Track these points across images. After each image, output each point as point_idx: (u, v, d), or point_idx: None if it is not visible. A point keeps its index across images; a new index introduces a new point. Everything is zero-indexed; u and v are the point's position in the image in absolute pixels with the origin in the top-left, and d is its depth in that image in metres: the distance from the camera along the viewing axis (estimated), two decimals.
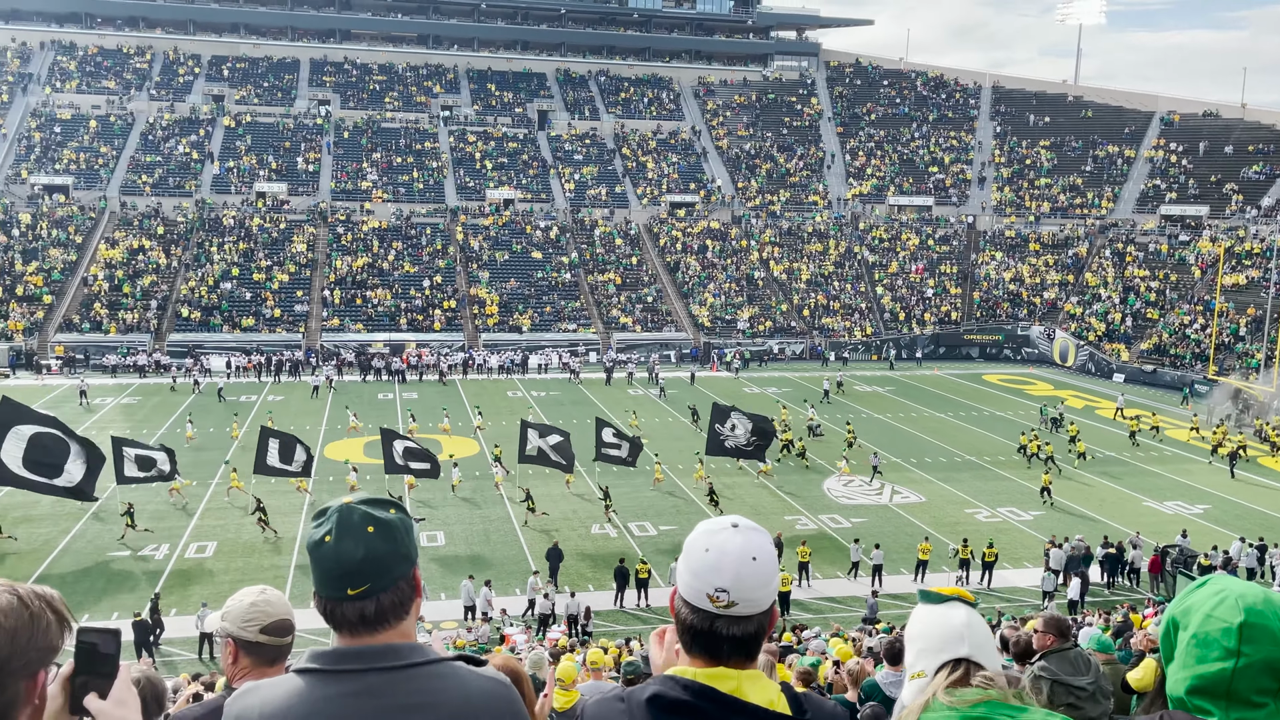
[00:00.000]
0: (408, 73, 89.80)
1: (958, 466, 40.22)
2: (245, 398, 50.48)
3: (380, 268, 67.23)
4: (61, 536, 29.61)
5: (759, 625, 2.08)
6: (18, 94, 77.49)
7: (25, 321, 58.20)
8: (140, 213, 68.63)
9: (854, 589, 27.75)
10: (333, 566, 2.04)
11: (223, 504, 32.98)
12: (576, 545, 30.02)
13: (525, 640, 22.52)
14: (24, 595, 1.76)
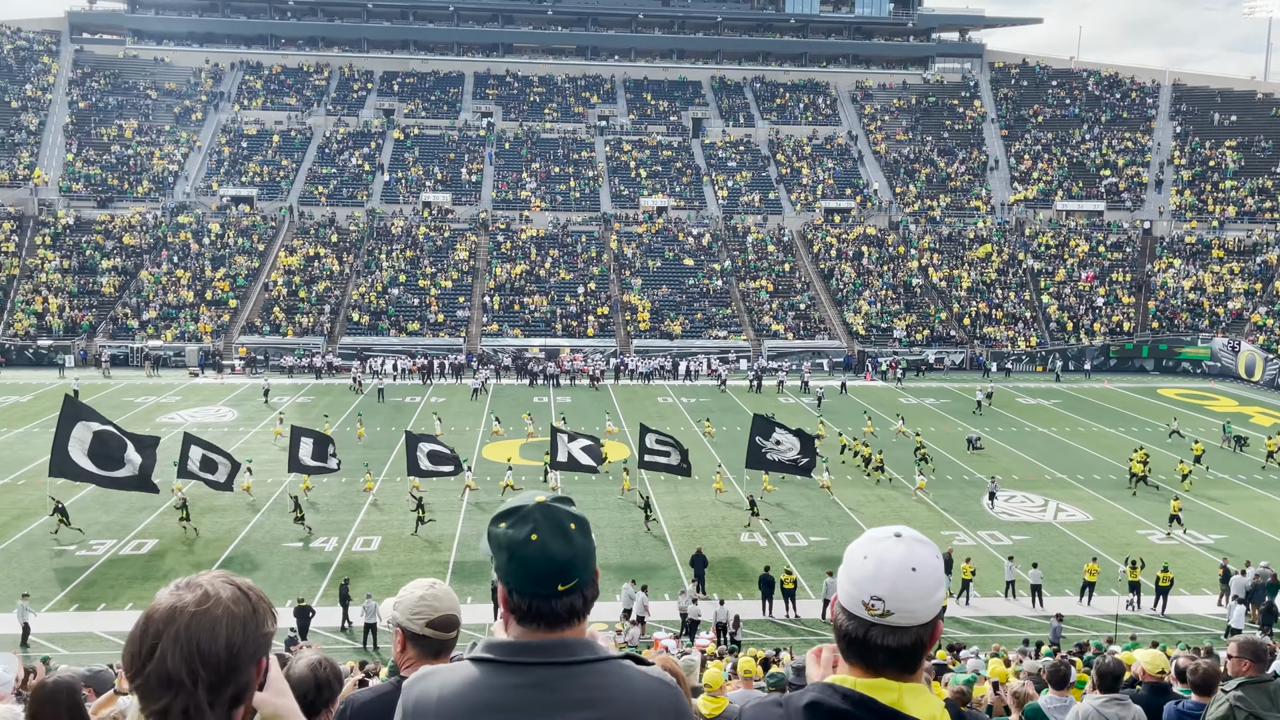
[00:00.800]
0: (566, 84, 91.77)
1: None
2: (409, 399, 52.56)
3: (537, 275, 68.90)
4: (241, 527, 31.53)
5: (918, 638, 2.04)
6: (210, 111, 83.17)
7: (213, 324, 62.33)
8: (316, 222, 72.52)
9: (1014, 608, 26.69)
10: (543, 564, 2.07)
11: (387, 500, 34.40)
12: (724, 552, 29.95)
13: (675, 646, 22.60)
14: (241, 585, 1.91)
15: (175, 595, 1.85)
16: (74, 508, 31.86)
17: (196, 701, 1.77)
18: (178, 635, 1.78)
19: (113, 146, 77.58)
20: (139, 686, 1.78)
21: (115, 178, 74.72)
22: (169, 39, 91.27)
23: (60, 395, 49.83)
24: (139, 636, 1.80)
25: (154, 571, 27.78)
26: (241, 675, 1.83)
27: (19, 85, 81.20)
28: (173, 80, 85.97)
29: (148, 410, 47.57)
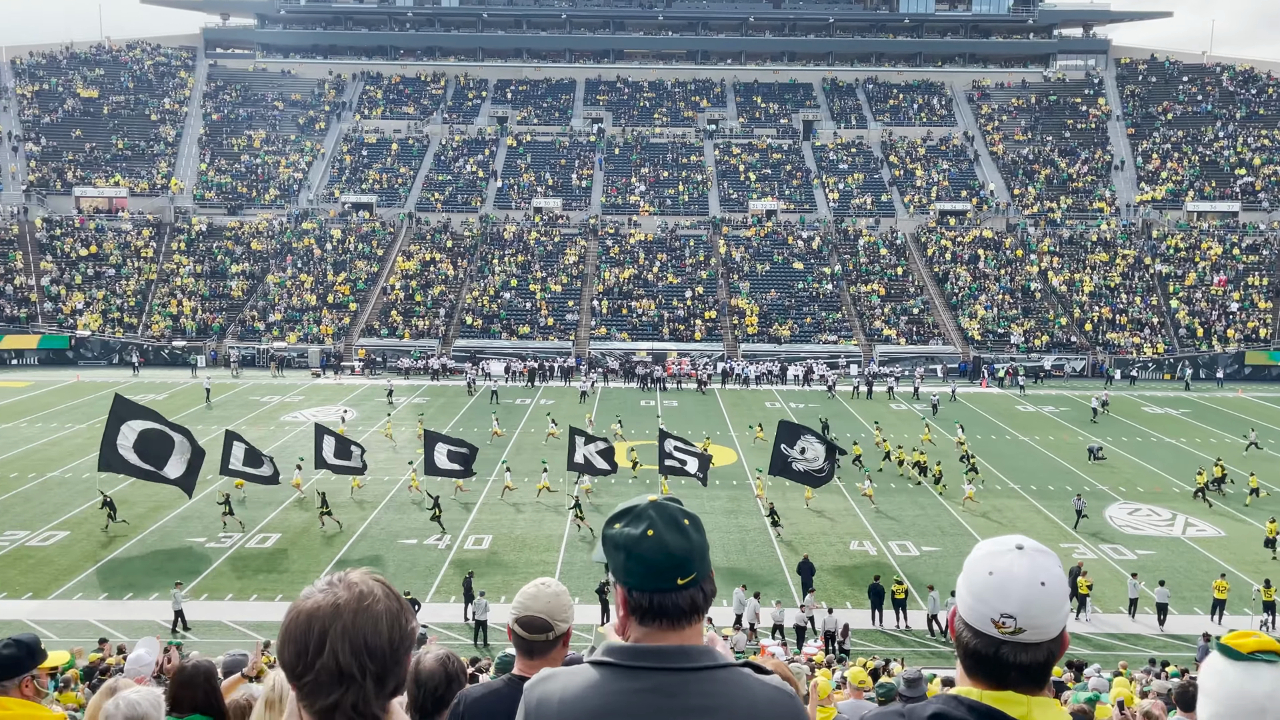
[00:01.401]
0: (676, 89, 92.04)
1: (1264, 500, 36.16)
2: (519, 401, 53.44)
3: (645, 279, 69.26)
4: (360, 523, 32.55)
5: (1049, 653, 2.00)
6: (333, 121, 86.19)
7: (334, 327, 64.54)
8: (432, 228, 74.41)
9: (1137, 626, 25.62)
10: (662, 559, 2.09)
11: (497, 500, 35.04)
12: (833, 560, 29.57)
13: (783, 653, 22.41)
14: (386, 583, 2.00)
15: (332, 593, 1.91)
16: (202, 502, 33.39)
17: (365, 694, 1.85)
18: (345, 631, 1.85)
19: (242, 156, 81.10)
20: (309, 682, 1.85)
21: (244, 186, 78.09)
22: (295, 52, 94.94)
23: (195, 393, 52.47)
24: (304, 633, 1.86)
25: (276, 565, 28.91)
26: (400, 668, 1.92)
27: (158, 99, 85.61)
28: (298, 92, 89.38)
29: (273, 409, 49.50)
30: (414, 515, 33.24)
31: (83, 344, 62.85)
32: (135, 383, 56.78)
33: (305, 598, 1.93)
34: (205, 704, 3.67)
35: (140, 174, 77.48)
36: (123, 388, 54.86)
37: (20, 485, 35.38)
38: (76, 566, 28.45)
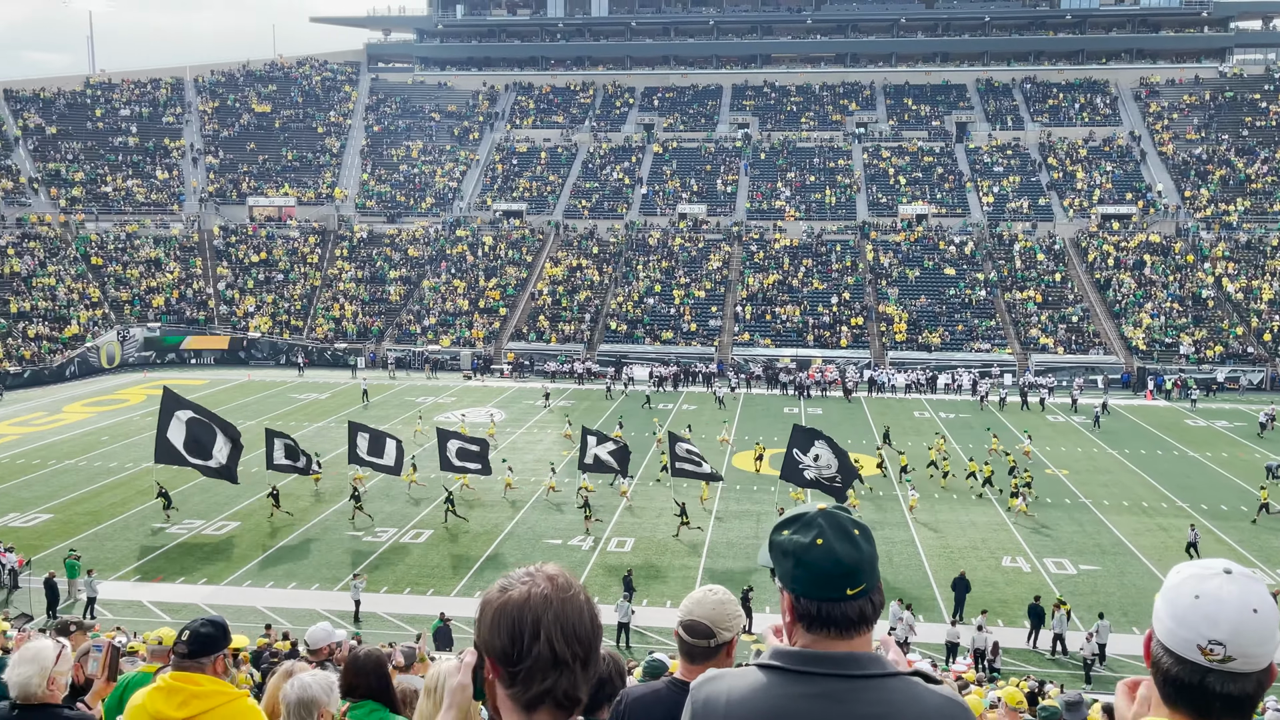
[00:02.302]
0: (824, 92, 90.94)
1: None
2: (662, 406, 53.76)
3: (790, 284, 68.64)
4: (507, 522, 33.39)
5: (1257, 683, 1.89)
6: (486, 131, 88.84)
7: (485, 330, 66.46)
8: (579, 234, 75.73)
9: None
10: (832, 568, 2.09)
11: (641, 504, 35.34)
12: (983, 576, 28.59)
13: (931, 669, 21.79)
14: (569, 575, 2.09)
15: (533, 584, 2.01)
16: (365, 498, 34.93)
17: (574, 680, 1.95)
18: (556, 619, 1.95)
19: (401, 166, 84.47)
20: (524, 669, 1.94)
21: (403, 195, 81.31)
22: (451, 65, 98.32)
23: (354, 393, 54.85)
24: (517, 622, 1.95)
25: (427, 560, 29.94)
26: (598, 655, 2.02)
27: (324, 112, 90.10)
28: (454, 103, 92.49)
29: (426, 410, 51.30)
30: (558, 516, 33.88)
31: (253, 345, 66.66)
32: (300, 382, 59.87)
33: (506, 589, 2.02)
34: (377, 691, 3.86)
35: (307, 184, 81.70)
36: (288, 387, 58.00)
37: (197, 477, 37.71)
38: (246, 555, 30.18)
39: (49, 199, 75.60)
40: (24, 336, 61.53)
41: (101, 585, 26.57)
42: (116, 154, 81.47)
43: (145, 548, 30.74)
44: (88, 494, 35.55)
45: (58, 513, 33.90)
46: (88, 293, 67.61)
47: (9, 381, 56.60)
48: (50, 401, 52.94)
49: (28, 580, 27.32)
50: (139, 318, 67.36)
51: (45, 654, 4.06)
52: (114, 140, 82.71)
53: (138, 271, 71.09)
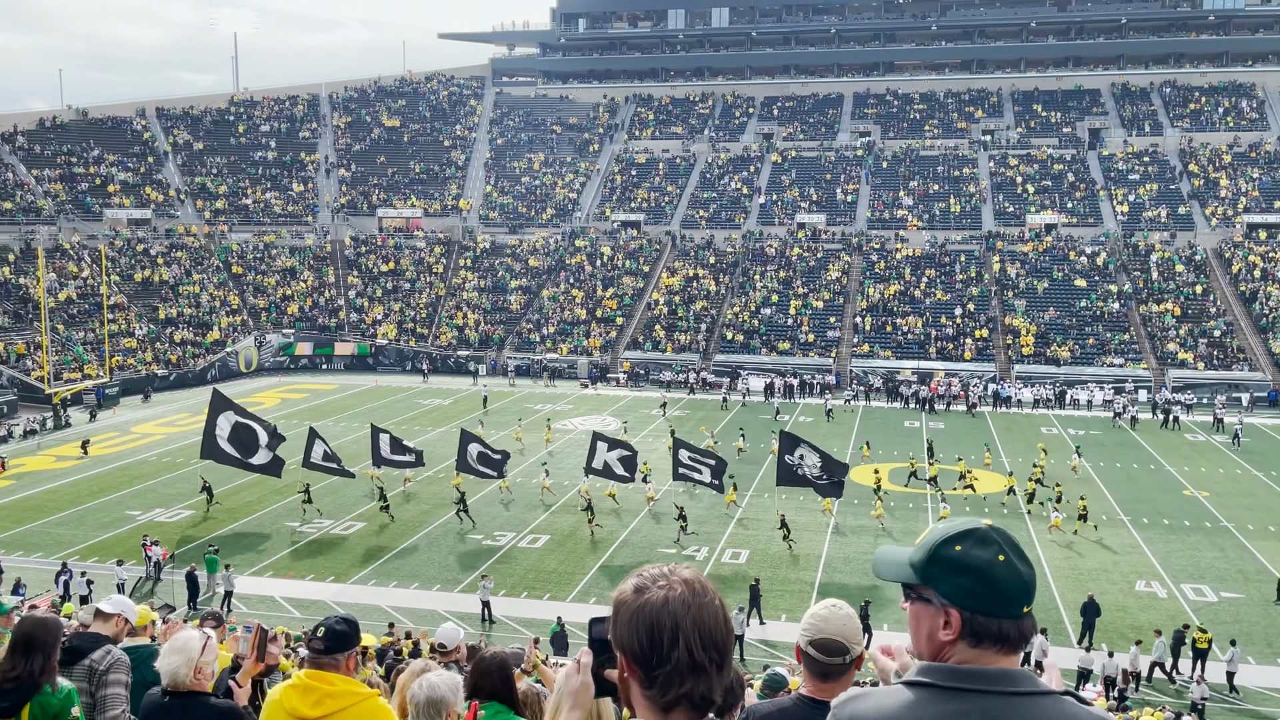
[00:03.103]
0: (948, 99, 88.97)
1: None
2: (780, 417, 53.26)
3: (912, 295, 67.26)
4: (622, 530, 33.62)
5: None
6: (606, 143, 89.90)
7: (601, 340, 67.16)
8: (696, 244, 75.85)
9: None
10: (1014, 585, 2.07)
11: (753, 516, 35.11)
12: (1115, 600, 27.39)
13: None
14: None
15: (670, 587, 2.03)
16: (478, 503, 35.66)
17: (711, 683, 1.97)
18: (695, 624, 1.97)
19: (523, 178, 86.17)
20: (664, 673, 1.96)
21: (524, 206, 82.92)
22: (573, 78, 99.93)
23: (474, 400, 56.09)
24: (656, 626, 1.97)
25: (544, 565, 30.37)
26: (731, 657, 2.04)
27: (450, 126, 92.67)
28: (574, 115, 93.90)
29: (544, 416, 52.09)
30: (672, 525, 33.91)
31: (381, 351, 68.92)
32: (424, 388, 61.57)
33: (643, 590, 2.04)
34: (501, 692, 3.96)
35: (434, 196, 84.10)
36: (413, 393, 59.70)
37: (327, 478, 39.15)
38: (371, 555, 31.18)
39: (195, 211, 79.79)
40: (170, 341, 65.01)
41: (238, 579, 27.81)
42: (256, 168, 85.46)
43: (278, 544, 32.07)
44: (225, 492, 37.27)
45: (198, 509, 35.66)
46: (228, 300, 71.05)
47: (156, 384, 59.87)
48: (193, 403, 55.72)
49: (170, 573, 28.82)
50: (275, 324, 70.43)
51: (192, 645, 4.30)
52: (254, 155, 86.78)
53: (274, 280, 74.37)
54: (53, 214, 72.31)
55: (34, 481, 39.54)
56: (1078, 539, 32.48)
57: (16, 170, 74.56)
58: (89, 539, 32.69)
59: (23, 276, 63.33)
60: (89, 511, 35.70)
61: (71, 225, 71.88)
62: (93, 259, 67.40)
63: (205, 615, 8.11)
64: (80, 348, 59.43)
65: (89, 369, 57.54)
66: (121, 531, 33.38)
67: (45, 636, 4.30)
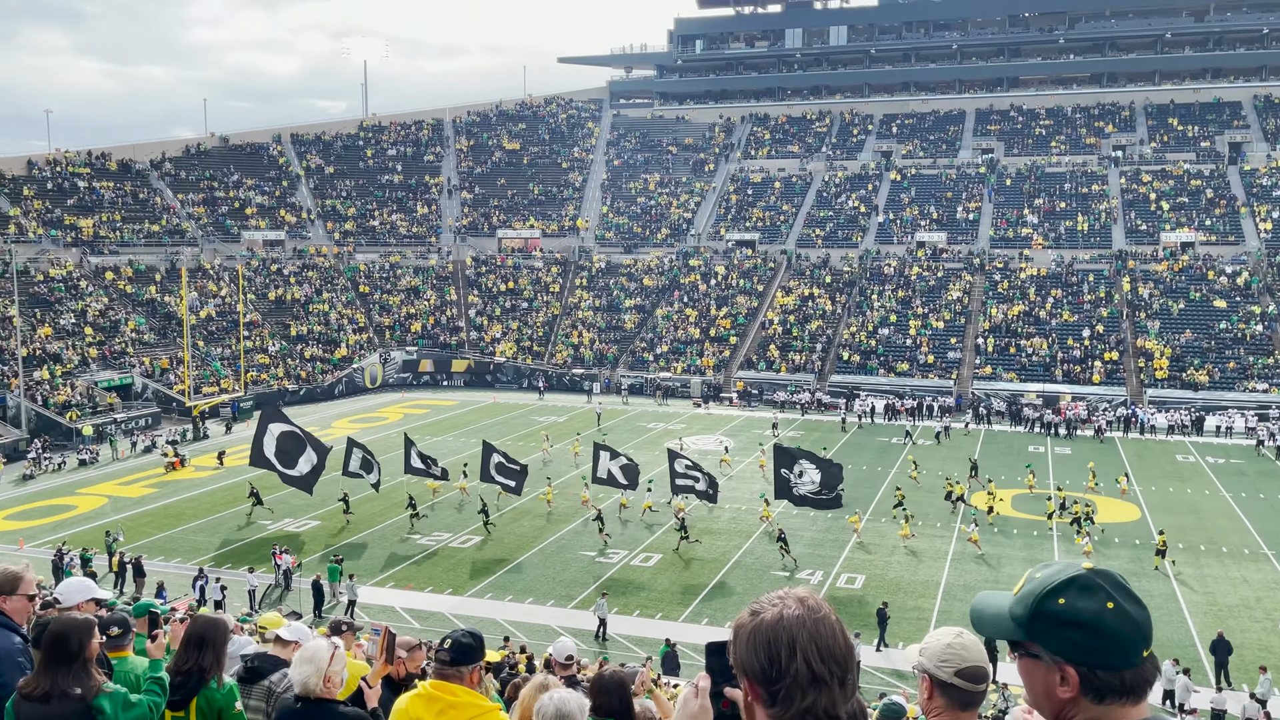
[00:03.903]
0: (1076, 114, 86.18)
1: None
2: (894, 440, 52.26)
3: (1037, 316, 65.18)
4: (735, 551, 33.43)
5: None
6: (721, 162, 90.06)
7: (715, 359, 67.09)
8: (811, 263, 75.17)
9: None
10: (1129, 634, 1.99)
11: (873, 540, 34.44)
12: (1257, 638, 25.89)
13: None
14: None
15: (784, 605, 2.05)
16: (589, 521, 35.99)
17: (833, 697, 1.98)
18: (812, 638, 1.99)
19: (638, 198, 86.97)
20: (784, 687, 1.98)
21: (640, 226, 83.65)
22: (689, 99, 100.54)
23: (588, 417, 56.71)
24: (773, 642, 2.00)
25: (656, 584, 30.41)
26: (854, 675, 2.05)
27: (569, 148, 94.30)
28: (690, 136, 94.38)
29: (656, 435, 52.28)
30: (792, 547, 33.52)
31: (499, 369, 70.35)
32: (540, 405, 62.55)
33: (758, 612, 2.08)
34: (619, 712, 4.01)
35: (551, 217, 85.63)
36: (529, 410, 60.71)
37: (446, 492, 40.10)
38: (487, 569, 31.76)
39: (325, 232, 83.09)
40: (300, 357, 67.71)
41: (360, 589, 28.69)
42: (383, 190, 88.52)
43: (398, 556, 32.97)
44: (355, 503, 38.53)
45: (325, 520, 36.95)
46: (355, 318, 73.66)
47: (287, 398, 62.38)
48: (321, 418, 57.87)
49: (297, 582, 29.93)
50: (399, 342, 72.66)
51: (321, 654, 4.49)
52: (382, 178, 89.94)
53: (398, 299, 76.78)
54: (195, 236, 76.33)
55: (175, 490, 41.65)
56: (1215, 574, 30.83)
57: (164, 195, 79.01)
58: (223, 546, 34.23)
59: (167, 295, 66.94)
60: (224, 520, 37.39)
61: (212, 246, 75.75)
62: (231, 278, 70.81)
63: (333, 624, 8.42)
64: (218, 363, 62.42)
65: (225, 383, 60.37)
66: (253, 539, 34.84)
67: (215, 635, 4.72)
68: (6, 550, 33.24)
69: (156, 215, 76.03)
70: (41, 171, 73.45)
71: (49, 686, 3.68)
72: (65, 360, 55.42)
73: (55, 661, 3.73)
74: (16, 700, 3.73)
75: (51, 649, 3.76)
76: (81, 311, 61.11)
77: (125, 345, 60.04)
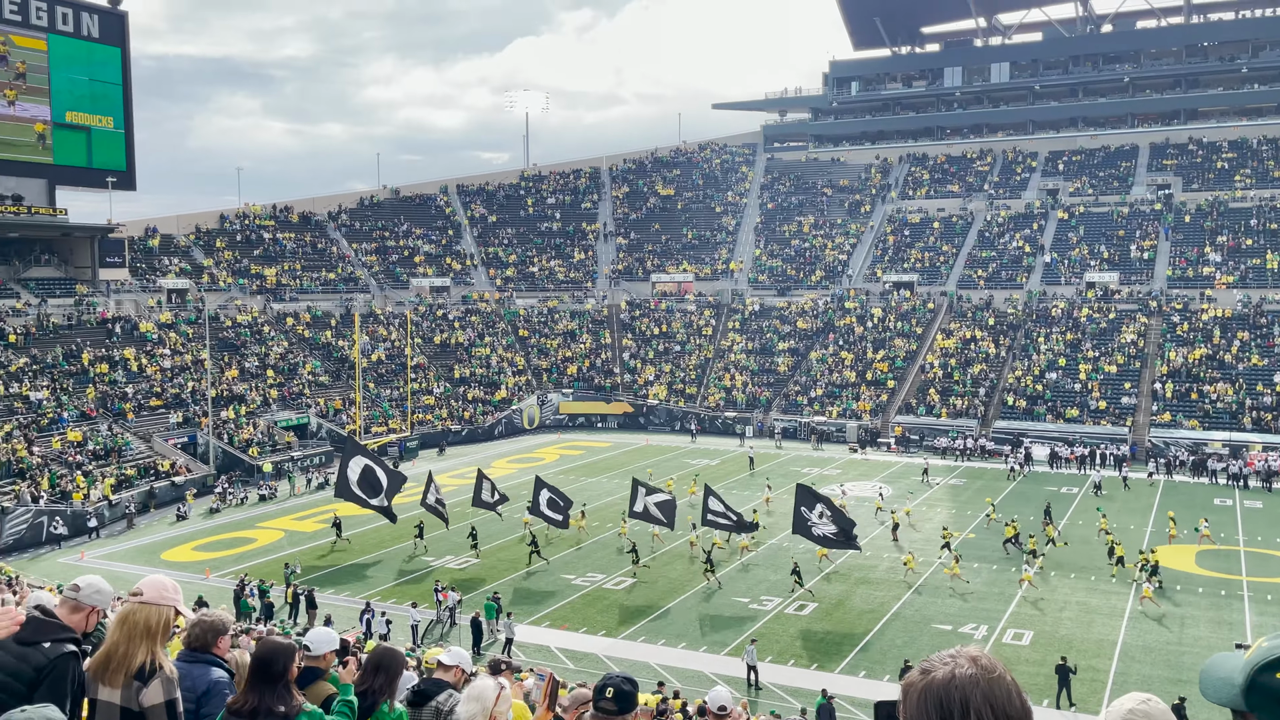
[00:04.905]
0: (1263, 146, 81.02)
1: None
2: (1064, 489, 49.79)
3: (1221, 360, 61.15)
4: (893, 602, 32.41)
5: None
6: (878, 203, 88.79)
7: (871, 403, 65.69)
8: (973, 305, 72.90)
9: None
10: None
11: (1044, 595, 32.79)
12: None
13: None
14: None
15: (956, 664, 2.01)
16: (743, 567, 35.51)
17: None
18: (986, 699, 1.95)
19: (792, 241, 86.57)
20: None
21: (793, 268, 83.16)
22: (845, 140, 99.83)
23: (740, 461, 56.39)
24: (946, 700, 1.96)
25: (811, 632, 29.76)
26: None
27: (722, 192, 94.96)
28: (846, 177, 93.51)
29: (812, 480, 51.40)
30: (949, 600, 32.32)
31: (651, 411, 70.89)
32: (692, 448, 62.60)
33: (929, 671, 2.03)
34: None
35: (704, 260, 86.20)
36: (682, 452, 60.84)
37: (600, 533, 40.55)
38: (640, 612, 31.82)
39: (487, 278, 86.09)
40: (463, 399, 70.05)
41: (517, 627, 29.21)
42: (542, 237, 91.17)
43: (553, 595, 33.43)
44: (508, 542, 39.44)
45: (484, 557, 37.89)
46: (514, 361, 75.80)
47: (450, 438, 64.58)
48: (481, 457, 59.59)
49: (461, 617, 30.73)
50: (555, 384, 74.27)
51: (488, 694, 4.62)
52: (541, 225, 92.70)
53: (555, 342, 78.62)
54: (368, 283, 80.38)
55: (345, 525, 43.57)
56: None
57: (340, 244, 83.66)
58: (388, 581, 35.54)
59: (341, 339, 70.59)
60: (389, 555, 38.85)
61: (383, 293, 79.58)
62: (399, 323, 74.13)
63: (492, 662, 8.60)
64: (387, 404, 65.25)
65: (393, 423, 63.00)
66: (416, 575, 36.03)
67: (391, 663, 5.16)
68: (194, 579, 35.46)
69: (333, 264, 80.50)
70: (232, 224, 79.01)
71: (256, 703, 3.94)
72: (249, 400, 59.05)
73: (262, 681, 3.98)
74: (225, 716, 4.01)
75: (259, 670, 4.02)
76: (264, 355, 65.11)
77: (303, 387, 63.53)
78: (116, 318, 60.78)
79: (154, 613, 3.69)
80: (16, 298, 58.15)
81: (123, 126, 65.04)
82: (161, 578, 3.98)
